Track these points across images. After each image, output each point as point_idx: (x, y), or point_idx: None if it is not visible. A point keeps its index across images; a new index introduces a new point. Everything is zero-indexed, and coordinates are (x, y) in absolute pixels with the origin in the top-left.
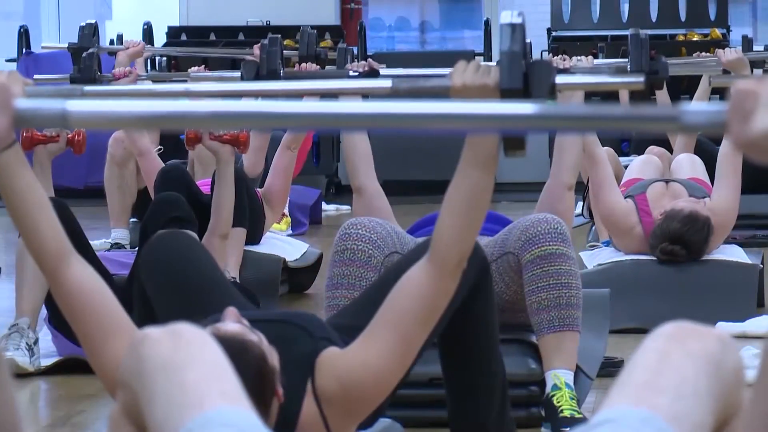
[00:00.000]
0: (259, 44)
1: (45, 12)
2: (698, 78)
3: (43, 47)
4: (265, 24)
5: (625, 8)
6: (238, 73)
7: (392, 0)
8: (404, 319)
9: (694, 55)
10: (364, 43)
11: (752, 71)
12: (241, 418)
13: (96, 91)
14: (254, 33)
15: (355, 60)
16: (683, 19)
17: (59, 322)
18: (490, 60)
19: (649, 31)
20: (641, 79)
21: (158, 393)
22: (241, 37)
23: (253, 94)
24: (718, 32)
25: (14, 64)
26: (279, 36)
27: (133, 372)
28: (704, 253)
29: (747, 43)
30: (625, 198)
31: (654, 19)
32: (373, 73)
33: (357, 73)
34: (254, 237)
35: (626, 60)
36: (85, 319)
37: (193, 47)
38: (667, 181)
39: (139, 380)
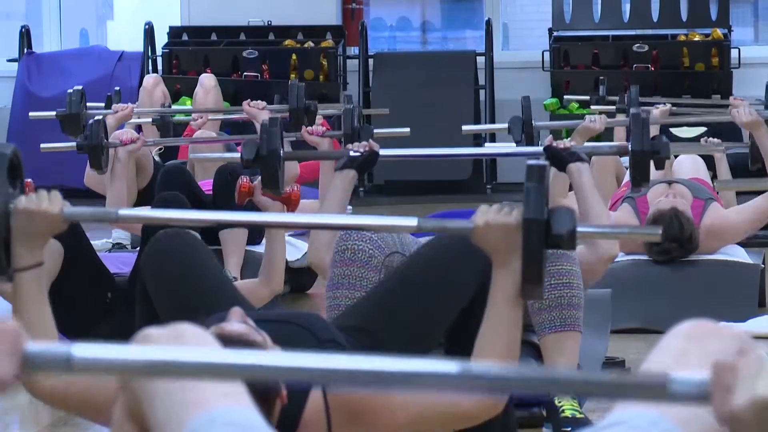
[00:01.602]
0: (260, 125)
1: (46, 12)
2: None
3: (31, 116)
4: (266, 24)
5: (627, 8)
6: (238, 154)
7: (393, 0)
8: (432, 414)
9: (702, 140)
10: (366, 44)
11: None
12: (244, 417)
13: (129, 215)
14: (255, 33)
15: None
16: (684, 19)
17: (60, 323)
18: (491, 59)
19: (650, 31)
20: (658, 231)
21: (160, 393)
22: (242, 37)
23: (271, 226)
24: (719, 32)
25: (15, 64)
26: (279, 116)
27: None
28: (697, 241)
29: None
30: (626, 199)
31: (655, 19)
32: (372, 156)
33: (358, 153)
34: (255, 237)
35: (627, 143)
36: (76, 409)
37: (192, 47)
38: (669, 182)
39: (141, 380)
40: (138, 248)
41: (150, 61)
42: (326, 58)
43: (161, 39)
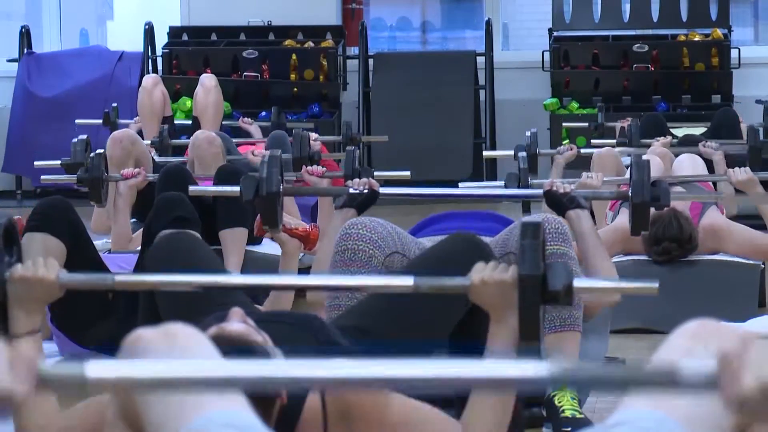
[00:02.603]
0: (260, 160)
1: (46, 12)
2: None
3: (36, 165)
4: (266, 24)
5: (627, 8)
6: (237, 188)
7: (393, 0)
8: (426, 420)
9: (700, 145)
10: (366, 44)
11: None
12: (240, 418)
13: (126, 281)
14: (255, 33)
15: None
16: (684, 19)
17: (60, 323)
18: (491, 59)
19: (650, 31)
20: (656, 285)
21: (155, 395)
22: (242, 37)
23: (271, 287)
24: (719, 32)
25: (16, 64)
26: (279, 154)
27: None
28: (696, 240)
29: (753, 133)
30: (619, 210)
31: (655, 19)
32: (372, 195)
33: (357, 191)
34: (255, 237)
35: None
36: None
37: (192, 47)
38: (669, 184)
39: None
40: (138, 248)
41: (150, 61)
42: (326, 58)
43: (161, 39)
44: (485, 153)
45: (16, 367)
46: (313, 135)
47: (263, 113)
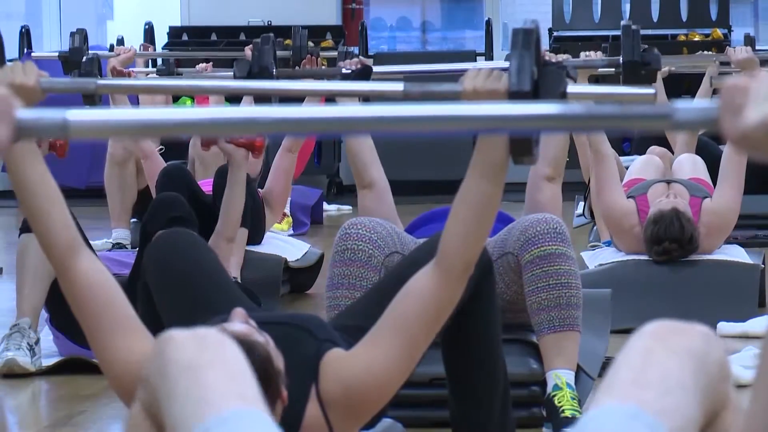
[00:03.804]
0: (252, 43)
1: (46, 12)
2: (700, 78)
3: (33, 57)
4: (266, 24)
5: (627, 8)
6: (231, 73)
7: (393, 0)
8: (409, 323)
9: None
10: (365, 44)
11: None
12: (257, 419)
13: (109, 85)
14: (255, 33)
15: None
16: (684, 19)
17: (60, 323)
18: (491, 60)
19: (651, 31)
20: (652, 91)
21: (178, 391)
22: (242, 37)
23: (259, 93)
24: (719, 32)
25: None
26: (271, 34)
27: (157, 372)
28: (697, 241)
29: (750, 42)
30: (627, 198)
31: (655, 19)
32: (365, 71)
33: (349, 71)
34: (255, 237)
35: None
36: (93, 312)
37: (192, 47)
38: (668, 182)
39: (162, 379)
40: (137, 248)
41: (149, 62)
42: (326, 59)
43: (161, 39)
44: None
45: None
46: None
47: None
